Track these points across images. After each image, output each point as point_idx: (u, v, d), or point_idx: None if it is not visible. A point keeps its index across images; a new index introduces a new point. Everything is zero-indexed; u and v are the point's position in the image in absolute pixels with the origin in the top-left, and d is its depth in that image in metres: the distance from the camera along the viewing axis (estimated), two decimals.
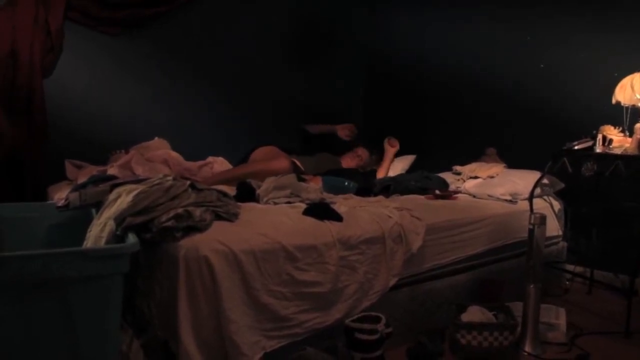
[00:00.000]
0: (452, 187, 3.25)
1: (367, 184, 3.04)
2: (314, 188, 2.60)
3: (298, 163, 3.25)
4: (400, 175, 3.35)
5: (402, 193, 2.95)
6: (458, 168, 3.51)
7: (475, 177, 3.31)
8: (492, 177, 3.23)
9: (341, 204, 2.34)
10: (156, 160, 2.84)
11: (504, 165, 3.37)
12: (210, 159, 3.17)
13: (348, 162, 3.70)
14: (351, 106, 4.52)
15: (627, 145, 2.68)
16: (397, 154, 3.82)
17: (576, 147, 2.79)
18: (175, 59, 3.54)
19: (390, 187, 2.97)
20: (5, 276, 1.34)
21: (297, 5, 4.14)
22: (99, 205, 1.95)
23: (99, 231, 1.78)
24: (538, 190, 2.99)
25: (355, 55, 4.53)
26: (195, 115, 3.64)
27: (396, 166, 3.66)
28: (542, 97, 3.47)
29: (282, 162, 3.01)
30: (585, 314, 2.76)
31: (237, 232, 1.84)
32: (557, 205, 3.17)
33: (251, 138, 3.54)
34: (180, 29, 3.54)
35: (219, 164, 3.17)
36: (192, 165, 2.99)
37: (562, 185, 3.17)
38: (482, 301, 2.46)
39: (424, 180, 3.13)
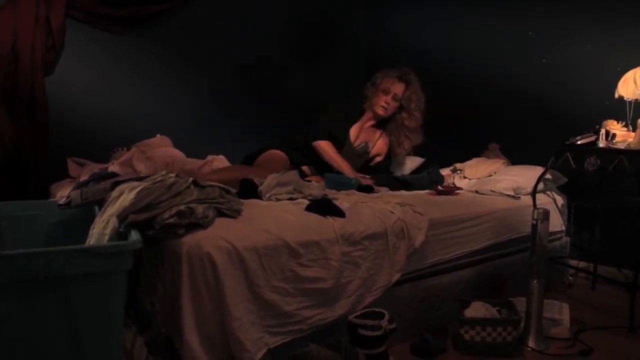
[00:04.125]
0: (447, 183, 3.24)
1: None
2: (316, 184, 2.59)
3: (309, 171, 3.19)
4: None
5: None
6: (458, 165, 3.50)
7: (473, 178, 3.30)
8: (490, 175, 3.22)
9: (343, 200, 2.34)
10: (158, 161, 2.82)
11: (503, 161, 3.36)
12: (210, 157, 3.15)
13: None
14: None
15: (630, 139, 2.67)
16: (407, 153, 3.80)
17: (579, 142, 2.79)
18: (177, 57, 3.54)
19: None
20: (8, 274, 1.34)
21: (299, 2, 4.13)
22: (100, 202, 1.95)
23: (101, 228, 1.78)
24: (541, 186, 2.99)
25: (357, 52, 4.52)
26: (197, 112, 3.64)
27: (405, 165, 3.64)
28: (544, 92, 3.46)
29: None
30: (588, 309, 2.76)
31: (240, 228, 1.83)
32: (560, 200, 3.17)
33: (252, 135, 3.54)
34: (182, 26, 3.53)
35: (219, 162, 3.16)
36: (192, 167, 2.96)
37: (565, 180, 3.17)
38: (485, 297, 2.47)
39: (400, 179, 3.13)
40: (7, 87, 2.85)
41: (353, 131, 3.30)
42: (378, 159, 3.38)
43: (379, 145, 3.36)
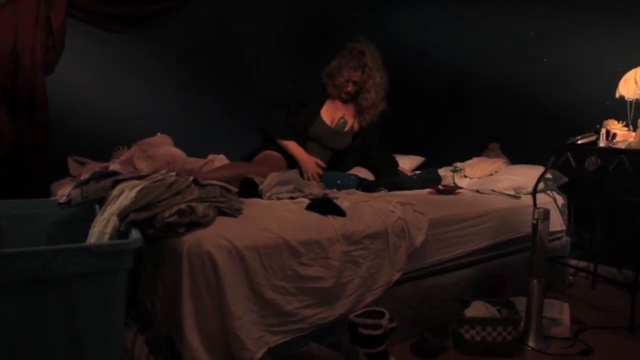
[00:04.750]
0: (445, 182, 3.24)
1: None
2: (317, 184, 2.59)
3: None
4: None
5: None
6: (458, 164, 3.50)
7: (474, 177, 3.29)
8: (491, 174, 3.22)
9: (344, 199, 2.33)
10: (159, 159, 2.82)
11: (504, 161, 3.36)
12: (211, 157, 3.16)
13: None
14: None
15: (631, 139, 2.67)
16: (406, 152, 3.80)
17: (580, 142, 2.79)
18: (177, 56, 3.54)
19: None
20: (8, 273, 1.34)
21: (299, 2, 4.13)
22: (101, 201, 1.95)
23: (102, 227, 1.78)
24: (542, 185, 2.98)
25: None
26: (198, 111, 3.64)
27: (405, 164, 3.64)
28: (545, 92, 3.46)
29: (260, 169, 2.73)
30: (589, 309, 2.75)
31: (241, 227, 1.83)
32: (560, 199, 3.17)
33: (253, 135, 3.53)
34: (182, 26, 3.53)
35: (220, 161, 3.15)
36: (194, 167, 2.96)
37: (566, 179, 3.16)
38: (485, 296, 2.47)
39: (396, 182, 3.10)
40: (7, 87, 2.85)
41: (326, 115, 3.25)
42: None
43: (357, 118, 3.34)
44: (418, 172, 3.36)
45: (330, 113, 3.26)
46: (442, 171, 3.47)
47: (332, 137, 3.22)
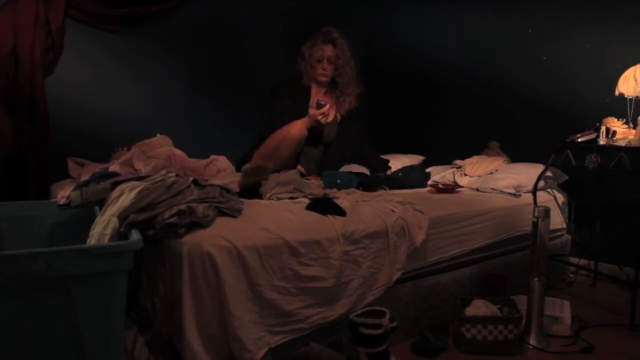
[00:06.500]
0: (444, 181, 3.23)
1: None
2: (317, 183, 2.59)
3: (303, 170, 3.19)
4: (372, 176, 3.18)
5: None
6: (458, 162, 3.50)
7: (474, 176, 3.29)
8: (491, 173, 3.22)
9: (344, 198, 2.34)
10: (160, 157, 2.83)
11: (504, 159, 3.36)
12: (213, 157, 3.16)
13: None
14: None
15: (631, 137, 2.67)
16: (405, 151, 3.79)
17: (579, 140, 2.79)
18: (177, 56, 3.54)
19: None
20: (9, 274, 1.34)
21: (299, 2, 4.13)
22: (101, 203, 1.95)
23: (102, 228, 1.78)
24: (542, 183, 2.98)
25: (356, 51, 4.51)
26: (197, 112, 3.63)
27: (404, 161, 3.63)
28: (545, 90, 3.46)
29: (296, 125, 2.93)
30: (589, 307, 2.75)
31: (241, 228, 1.83)
32: (560, 197, 3.17)
33: (252, 136, 3.54)
34: (182, 26, 3.53)
35: (221, 162, 3.16)
36: (197, 165, 2.97)
37: (566, 177, 3.16)
38: (486, 294, 2.47)
39: (397, 179, 3.09)
40: (7, 88, 2.85)
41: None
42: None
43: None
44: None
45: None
46: (441, 169, 3.48)
47: (328, 127, 3.22)
